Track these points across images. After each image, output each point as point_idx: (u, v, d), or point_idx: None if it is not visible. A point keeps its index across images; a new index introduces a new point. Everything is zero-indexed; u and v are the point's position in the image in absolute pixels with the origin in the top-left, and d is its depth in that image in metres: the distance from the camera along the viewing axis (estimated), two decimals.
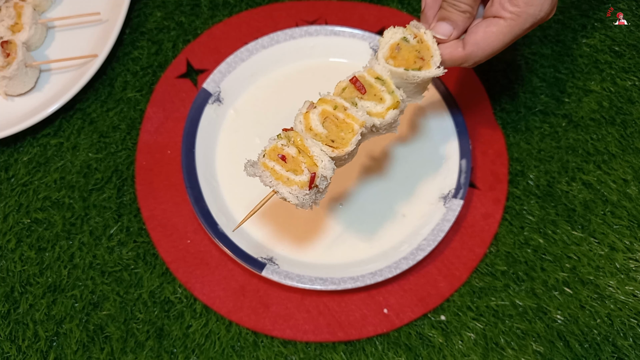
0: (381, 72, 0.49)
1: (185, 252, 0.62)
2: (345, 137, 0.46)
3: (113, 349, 0.57)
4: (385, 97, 0.48)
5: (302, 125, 0.47)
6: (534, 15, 0.48)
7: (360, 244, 0.61)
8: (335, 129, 0.47)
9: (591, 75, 0.71)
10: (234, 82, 0.69)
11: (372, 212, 0.63)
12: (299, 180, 0.45)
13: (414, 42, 0.49)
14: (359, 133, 0.46)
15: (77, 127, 0.70)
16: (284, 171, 0.46)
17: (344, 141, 0.46)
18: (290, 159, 0.46)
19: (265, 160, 0.46)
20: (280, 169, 0.46)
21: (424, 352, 0.56)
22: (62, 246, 0.63)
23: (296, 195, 0.45)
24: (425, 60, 0.48)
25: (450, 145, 0.64)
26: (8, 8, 0.74)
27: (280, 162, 0.46)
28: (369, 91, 0.48)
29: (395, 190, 0.64)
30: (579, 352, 0.56)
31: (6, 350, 0.58)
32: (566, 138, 0.67)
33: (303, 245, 0.61)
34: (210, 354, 0.57)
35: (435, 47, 0.49)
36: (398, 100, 0.48)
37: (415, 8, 0.77)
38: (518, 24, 0.48)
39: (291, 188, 0.45)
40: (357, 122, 0.46)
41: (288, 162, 0.46)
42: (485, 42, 0.49)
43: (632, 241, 0.61)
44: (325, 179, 0.46)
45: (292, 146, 0.46)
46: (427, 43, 0.49)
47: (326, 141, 0.46)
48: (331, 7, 0.77)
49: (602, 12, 0.76)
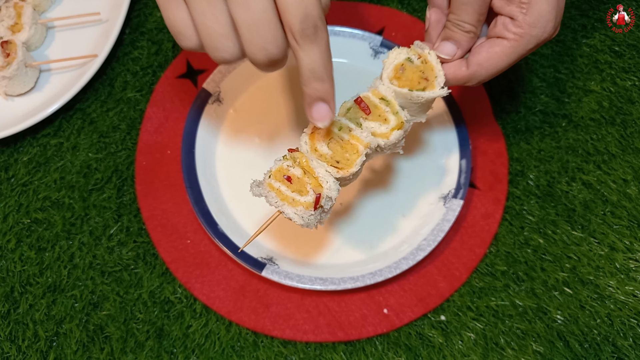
0: (385, 93, 0.49)
1: (185, 252, 0.62)
2: (350, 158, 0.47)
3: (113, 349, 0.57)
4: (389, 117, 0.48)
5: (307, 146, 0.47)
6: (537, 37, 0.48)
7: (360, 243, 0.61)
8: (340, 149, 0.47)
9: (591, 75, 0.71)
10: (234, 82, 0.69)
11: (372, 212, 0.63)
12: (304, 201, 0.46)
13: (418, 62, 0.49)
14: (363, 154, 0.46)
15: (77, 127, 0.70)
16: (290, 192, 0.46)
17: (348, 162, 0.47)
18: (296, 179, 0.46)
19: (271, 181, 0.47)
20: (286, 190, 0.46)
21: (423, 352, 0.56)
22: (62, 246, 0.63)
23: (301, 215, 0.46)
24: (430, 81, 0.49)
25: (450, 146, 0.64)
26: (8, 8, 0.74)
27: (286, 183, 0.46)
28: (374, 112, 0.48)
29: (395, 190, 0.64)
30: (579, 352, 0.56)
31: (6, 350, 0.58)
32: (566, 138, 0.67)
33: (303, 245, 0.61)
34: (210, 354, 0.57)
35: (439, 68, 0.49)
36: (402, 121, 0.48)
37: (415, 8, 0.77)
38: (521, 45, 0.48)
39: (296, 209, 0.46)
40: (361, 143, 0.47)
41: (293, 183, 0.46)
42: (488, 62, 0.49)
43: (632, 241, 0.61)
44: (330, 199, 0.46)
45: (297, 167, 0.47)
46: (431, 63, 0.49)
47: (331, 162, 0.47)
48: (331, 7, 0.77)
49: (602, 12, 0.76)
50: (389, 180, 0.64)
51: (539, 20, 0.47)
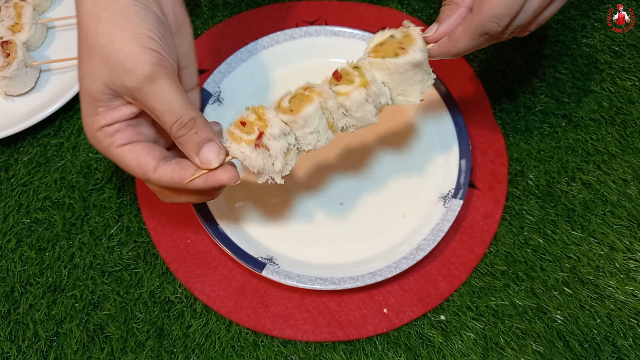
0: (360, 63, 0.50)
1: (185, 252, 0.62)
2: (303, 105, 0.48)
3: (113, 348, 0.57)
4: (356, 80, 0.49)
5: (274, 105, 0.50)
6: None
7: (360, 244, 0.61)
8: (298, 102, 0.49)
9: (591, 76, 0.71)
10: (234, 82, 0.69)
11: (372, 212, 0.63)
12: (247, 138, 0.48)
13: (400, 37, 0.49)
14: (316, 100, 0.48)
15: (77, 127, 0.70)
16: (240, 132, 0.48)
17: (299, 108, 0.48)
18: (249, 123, 0.48)
19: (230, 128, 0.49)
20: (238, 132, 0.48)
21: (423, 352, 0.56)
22: (62, 246, 0.63)
23: (243, 153, 0.47)
24: (406, 49, 0.48)
25: (449, 146, 0.64)
26: (8, 8, 0.74)
27: (240, 127, 0.48)
28: (344, 77, 0.49)
29: (395, 190, 0.64)
30: (578, 352, 0.56)
31: (6, 350, 0.58)
32: (566, 138, 0.67)
33: (303, 245, 0.61)
34: (211, 354, 0.57)
35: (419, 37, 0.49)
36: (367, 81, 0.48)
37: (415, 8, 0.77)
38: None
39: (240, 145, 0.47)
40: (316, 93, 0.49)
41: (247, 127, 0.48)
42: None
43: (632, 241, 0.61)
44: (272, 138, 0.47)
45: (253, 114, 0.49)
46: (412, 36, 0.49)
47: (285, 110, 0.48)
48: (331, 7, 0.77)
49: (602, 12, 0.76)
50: (388, 180, 0.64)
51: None
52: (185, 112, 0.46)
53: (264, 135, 0.47)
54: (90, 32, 0.45)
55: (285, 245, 0.61)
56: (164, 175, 0.47)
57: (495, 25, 0.46)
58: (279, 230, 0.62)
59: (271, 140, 0.47)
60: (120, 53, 0.44)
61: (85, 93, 0.46)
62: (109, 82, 0.45)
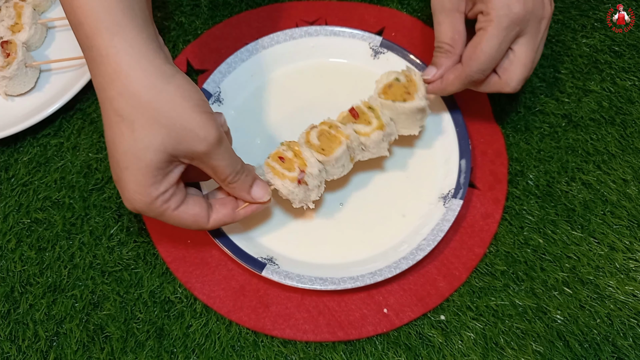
0: (373, 103, 0.59)
1: (186, 252, 0.62)
2: (333, 147, 0.56)
3: (113, 348, 0.57)
4: (373, 121, 0.58)
5: (302, 139, 0.58)
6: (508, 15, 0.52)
7: (360, 244, 0.61)
8: (327, 141, 0.57)
9: (591, 75, 0.72)
10: (234, 82, 0.69)
11: (372, 212, 0.63)
12: (291, 176, 0.55)
13: (404, 81, 0.59)
14: (344, 144, 0.56)
15: (77, 127, 0.70)
16: (281, 168, 0.56)
17: (331, 149, 0.56)
18: (287, 160, 0.56)
19: (268, 161, 0.57)
20: (279, 167, 0.56)
21: (423, 352, 0.56)
22: (62, 246, 0.63)
23: (287, 187, 0.55)
24: (411, 94, 0.58)
25: (449, 146, 0.64)
26: (8, 8, 0.74)
27: (279, 162, 0.56)
28: (361, 117, 0.58)
29: (394, 190, 0.64)
30: (578, 352, 0.56)
31: (6, 350, 0.58)
32: (566, 138, 0.67)
33: (303, 245, 0.61)
34: (211, 354, 0.57)
35: (421, 83, 0.58)
36: (383, 124, 0.57)
37: (415, 8, 0.77)
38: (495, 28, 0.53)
39: (284, 181, 0.55)
40: (343, 135, 0.57)
41: (285, 163, 0.56)
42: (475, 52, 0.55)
43: (632, 241, 0.61)
44: (312, 176, 0.56)
45: (290, 151, 0.57)
46: (415, 81, 0.58)
47: (317, 149, 0.57)
48: (331, 7, 0.77)
49: (602, 12, 0.76)
50: (388, 180, 0.64)
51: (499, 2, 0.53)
52: (237, 162, 0.52)
53: (305, 174, 0.55)
54: (151, 104, 0.45)
55: (285, 245, 0.61)
56: (217, 222, 0.54)
57: (482, 75, 0.56)
58: (279, 230, 0.62)
59: (310, 178, 0.56)
60: (192, 122, 0.46)
61: (142, 165, 0.46)
62: (174, 149, 0.47)
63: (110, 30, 0.45)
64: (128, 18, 0.45)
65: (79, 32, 0.47)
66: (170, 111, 0.45)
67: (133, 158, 0.46)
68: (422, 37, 0.74)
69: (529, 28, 0.54)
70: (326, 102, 0.69)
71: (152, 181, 0.47)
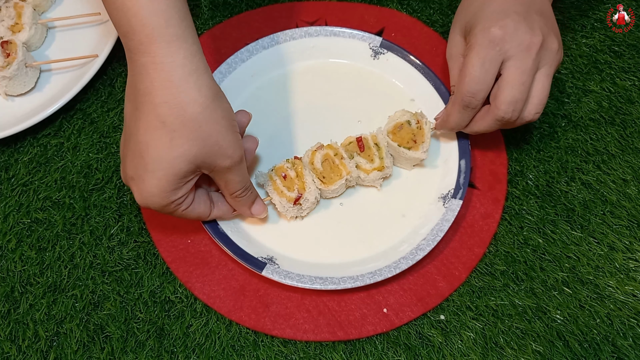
0: (380, 141, 0.61)
1: (186, 252, 0.62)
2: (333, 178, 0.60)
3: (113, 348, 0.57)
4: (375, 159, 0.61)
5: (307, 159, 0.61)
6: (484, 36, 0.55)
7: (360, 244, 0.61)
8: (329, 169, 0.61)
9: (591, 76, 0.72)
10: (234, 82, 0.69)
11: (372, 211, 0.63)
12: (289, 196, 0.59)
13: (414, 126, 0.61)
14: (344, 179, 0.60)
15: (77, 127, 0.70)
16: (281, 185, 0.60)
17: (331, 180, 0.60)
18: (289, 178, 0.60)
19: (271, 174, 0.61)
20: (280, 184, 0.60)
21: (423, 352, 0.56)
22: (63, 246, 0.63)
23: (283, 205, 0.59)
24: (417, 144, 0.61)
25: (449, 146, 0.64)
26: (8, 8, 0.74)
27: (281, 179, 0.60)
28: (366, 151, 0.61)
29: (394, 190, 0.64)
30: (578, 351, 0.56)
31: (6, 350, 0.58)
32: (565, 138, 0.67)
33: (303, 245, 0.61)
34: (211, 354, 0.57)
35: (428, 137, 0.61)
36: (383, 166, 0.60)
37: (415, 9, 0.77)
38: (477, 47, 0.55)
39: (281, 199, 0.59)
40: (345, 170, 0.60)
41: (287, 181, 0.60)
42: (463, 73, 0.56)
43: (631, 241, 0.61)
44: (308, 201, 0.59)
45: (293, 170, 0.60)
46: (424, 131, 0.61)
47: (319, 175, 0.60)
48: (331, 7, 0.77)
49: (602, 12, 0.76)
50: (388, 180, 0.64)
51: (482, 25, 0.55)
52: (248, 180, 0.56)
53: (302, 198, 0.59)
54: (195, 118, 0.48)
55: (285, 245, 0.61)
56: (216, 217, 0.59)
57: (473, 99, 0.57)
58: (279, 230, 0.62)
59: (306, 203, 0.60)
60: (224, 140, 0.50)
61: (170, 172, 0.49)
62: (202, 162, 0.50)
63: (167, 40, 0.47)
64: (183, 29, 0.48)
65: (131, 39, 0.48)
66: (209, 128, 0.49)
67: (165, 164, 0.48)
68: (422, 37, 0.74)
69: (514, 51, 0.54)
70: (326, 102, 0.69)
71: (173, 187, 0.50)
